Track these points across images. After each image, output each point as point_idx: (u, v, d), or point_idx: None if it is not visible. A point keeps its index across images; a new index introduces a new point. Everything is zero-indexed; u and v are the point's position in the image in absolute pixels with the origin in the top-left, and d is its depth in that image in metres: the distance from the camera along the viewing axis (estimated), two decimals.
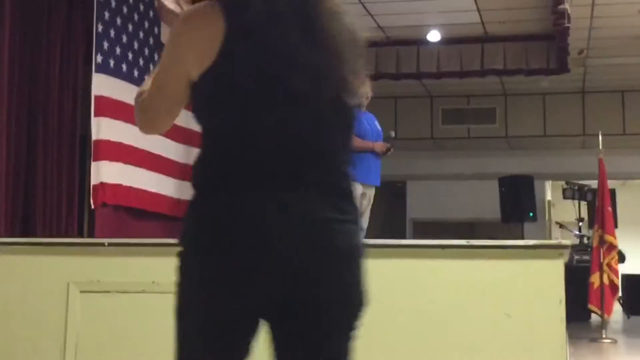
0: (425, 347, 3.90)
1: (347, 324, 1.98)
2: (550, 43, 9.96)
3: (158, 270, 4.20)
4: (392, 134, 7.63)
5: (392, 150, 7.59)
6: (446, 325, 3.88)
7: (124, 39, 7.00)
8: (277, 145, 1.90)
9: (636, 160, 14.08)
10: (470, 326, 3.85)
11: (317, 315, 1.92)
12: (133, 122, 7.20)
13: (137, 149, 7.12)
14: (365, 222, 7.54)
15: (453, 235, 13.20)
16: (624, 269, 10.57)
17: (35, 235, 5.80)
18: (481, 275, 3.89)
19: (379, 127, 7.78)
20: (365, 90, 2.20)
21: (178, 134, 7.94)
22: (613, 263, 8.38)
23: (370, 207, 7.61)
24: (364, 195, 7.40)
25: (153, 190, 7.39)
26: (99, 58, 6.63)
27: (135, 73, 7.13)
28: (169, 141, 7.74)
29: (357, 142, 7.41)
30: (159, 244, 4.33)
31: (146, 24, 7.37)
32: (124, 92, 6.97)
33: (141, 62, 7.24)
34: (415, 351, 3.90)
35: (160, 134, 2.30)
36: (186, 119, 8.36)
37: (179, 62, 1.94)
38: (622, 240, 9.41)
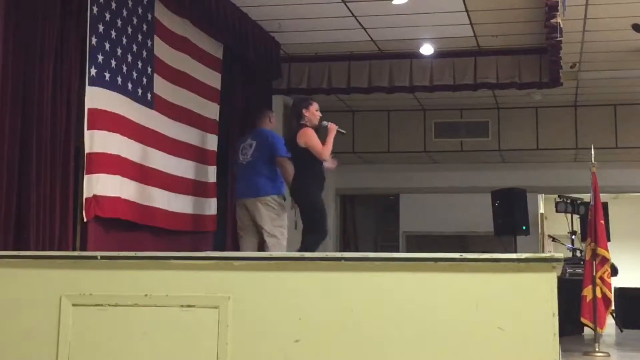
0: None
1: None
2: (543, 57, 10.01)
3: (151, 284, 4.19)
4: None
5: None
6: (439, 339, 3.88)
7: (119, 51, 7.00)
8: None
9: (629, 173, 14.13)
10: (463, 340, 3.85)
11: None
12: (127, 135, 7.26)
13: (130, 161, 7.11)
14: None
15: (446, 248, 13.20)
16: (616, 282, 10.58)
17: (28, 249, 5.79)
18: (474, 289, 3.89)
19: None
20: None
21: (170, 147, 7.95)
22: (606, 276, 8.38)
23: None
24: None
25: (145, 203, 7.38)
26: (93, 71, 6.63)
27: (130, 86, 7.13)
28: (161, 154, 7.73)
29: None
30: (151, 257, 4.33)
31: (139, 37, 7.38)
32: (119, 104, 6.97)
33: (135, 75, 7.25)
34: None
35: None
36: (179, 133, 8.40)
37: None
38: (615, 253, 9.43)
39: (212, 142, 8.92)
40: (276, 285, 4.08)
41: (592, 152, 8.68)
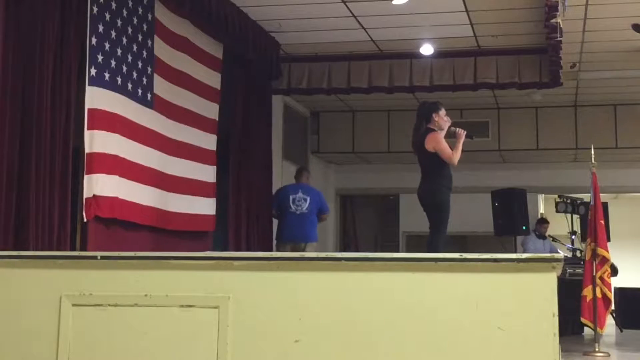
0: None
1: None
2: (543, 57, 10.01)
3: (151, 284, 4.19)
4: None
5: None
6: (439, 339, 3.88)
7: (118, 51, 7.00)
8: None
9: (628, 173, 14.12)
10: (463, 340, 3.85)
11: None
12: (127, 135, 7.25)
13: (130, 162, 7.11)
14: None
15: (446, 248, 13.19)
16: (616, 282, 10.58)
17: (28, 249, 5.78)
18: (474, 289, 3.89)
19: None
20: None
21: (170, 147, 7.94)
22: (606, 276, 8.38)
23: None
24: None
25: (145, 203, 7.38)
26: (93, 71, 6.63)
27: (129, 86, 7.13)
28: (160, 154, 7.73)
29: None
30: (151, 257, 4.32)
31: (140, 37, 7.38)
32: (119, 104, 6.97)
33: (135, 75, 7.24)
34: None
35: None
36: (178, 133, 8.39)
37: None
38: (615, 253, 9.43)
39: (211, 142, 8.92)
40: (276, 285, 4.08)
41: (592, 152, 8.68)
